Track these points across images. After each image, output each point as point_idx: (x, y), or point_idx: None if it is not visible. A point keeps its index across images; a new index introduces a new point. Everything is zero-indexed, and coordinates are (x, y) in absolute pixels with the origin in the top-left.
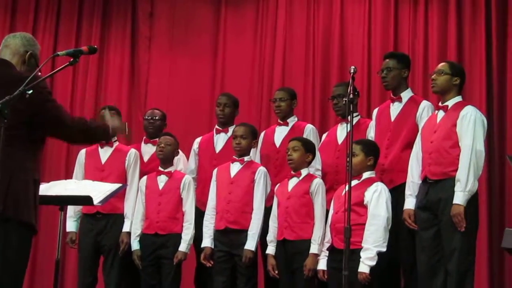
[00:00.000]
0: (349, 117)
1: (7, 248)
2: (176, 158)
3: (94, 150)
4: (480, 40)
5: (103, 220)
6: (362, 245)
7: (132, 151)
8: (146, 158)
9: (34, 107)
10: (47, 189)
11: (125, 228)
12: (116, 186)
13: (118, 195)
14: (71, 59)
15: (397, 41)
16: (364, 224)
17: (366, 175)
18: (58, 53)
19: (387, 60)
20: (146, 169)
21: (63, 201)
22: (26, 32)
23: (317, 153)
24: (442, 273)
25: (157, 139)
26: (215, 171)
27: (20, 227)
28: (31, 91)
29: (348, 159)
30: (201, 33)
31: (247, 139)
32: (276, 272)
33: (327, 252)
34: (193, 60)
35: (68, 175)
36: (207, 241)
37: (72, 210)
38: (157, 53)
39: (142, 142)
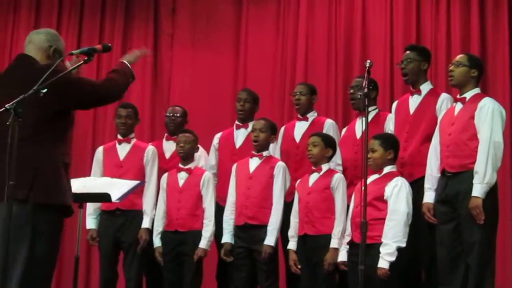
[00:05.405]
0: (365, 112)
1: (37, 234)
2: (197, 154)
3: (112, 146)
4: (503, 32)
5: (122, 217)
6: (382, 240)
7: (150, 148)
8: (167, 155)
9: (61, 93)
10: None
11: (144, 225)
12: (134, 183)
13: (137, 192)
14: (86, 57)
15: (419, 35)
16: (384, 219)
17: (387, 169)
18: (72, 51)
19: (407, 52)
20: (168, 166)
21: (81, 199)
22: (50, 28)
23: (337, 148)
24: (462, 267)
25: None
26: (234, 167)
27: (50, 211)
28: (45, 90)
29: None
30: (222, 28)
31: (266, 133)
32: (298, 267)
33: (348, 246)
34: (215, 56)
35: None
36: (227, 237)
37: (91, 208)
38: (179, 49)
39: (164, 139)
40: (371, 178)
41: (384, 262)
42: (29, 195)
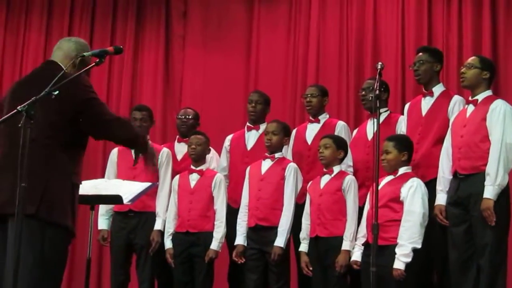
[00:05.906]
0: (377, 113)
1: (44, 249)
2: (208, 156)
3: (127, 148)
4: None
5: (135, 218)
6: (397, 241)
7: (165, 150)
8: (179, 157)
9: (79, 105)
10: None
11: (157, 227)
12: (146, 185)
13: (150, 193)
14: (97, 59)
15: (430, 37)
16: (400, 220)
17: (402, 170)
18: (84, 54)
19: (420, 53)
20: (179, 168)
21: (93, 201)
22: (81, 38)
23: (349, 150)
24: (474, 268)
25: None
26: (248, 169)
27: (56, 230)
28: (57, 92)
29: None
30: (234, 30)
31: (278, 135)
32: (310, 269)
33: (362, 247)
34: (226, 58)
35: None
36: (239, 239)
37: (103, 208)
38: (191, 52)
39: (175, 141)
40: (386, 179)
41: (400, 263)
42: (37, 211)
